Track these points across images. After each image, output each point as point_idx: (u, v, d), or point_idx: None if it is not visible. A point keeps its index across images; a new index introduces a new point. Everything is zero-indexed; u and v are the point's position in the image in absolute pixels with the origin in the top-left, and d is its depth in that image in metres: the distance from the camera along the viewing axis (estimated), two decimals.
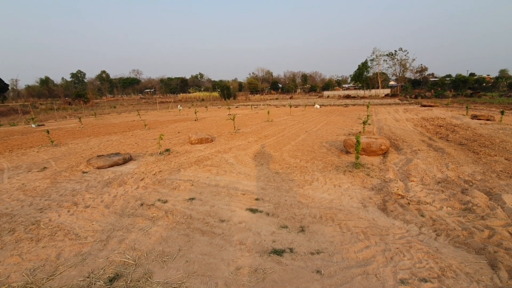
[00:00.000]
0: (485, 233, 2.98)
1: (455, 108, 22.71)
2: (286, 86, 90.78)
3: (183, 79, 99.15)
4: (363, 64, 64.47)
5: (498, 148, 6.95)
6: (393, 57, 62.84)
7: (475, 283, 2.26)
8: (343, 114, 20.10)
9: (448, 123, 12.47)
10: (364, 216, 3.60)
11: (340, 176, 5.32)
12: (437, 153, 6.84)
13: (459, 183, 4.62)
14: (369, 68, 64.40)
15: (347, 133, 10.50)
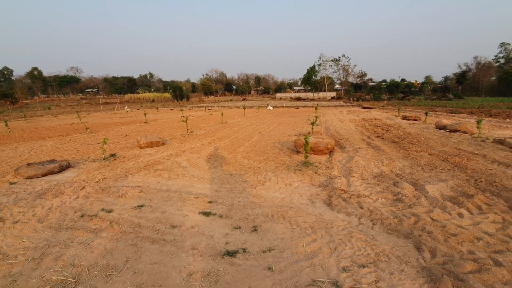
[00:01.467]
0: (412, 220, 3.42)
1: (389, 110, 25.48)
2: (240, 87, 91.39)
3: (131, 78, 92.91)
4: (311, 68, 68.39)
5: (423, 145, 8.02)
6: (337, 62, 67.97)
7: (404, 265, 2.59)
8: (294, 116, 21.04)
9: (383, 123, 13.94)
10: (312, 211, 3.83)
11: (291, 175, 5.57)
12: (374, 150, 7.60)
13: (392, 177, 5.22)
14: (317, 72, 68.65)
15: (298, 134, 11.02)
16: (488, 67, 60.29)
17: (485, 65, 60.41)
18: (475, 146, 7.46)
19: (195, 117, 20.66)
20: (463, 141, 8.28)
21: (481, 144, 7.71)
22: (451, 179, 4.83)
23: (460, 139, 8.71)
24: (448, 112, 22.01)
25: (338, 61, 67.90)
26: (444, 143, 8.14)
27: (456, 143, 8.03)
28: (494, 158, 6.05)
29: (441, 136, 9.44)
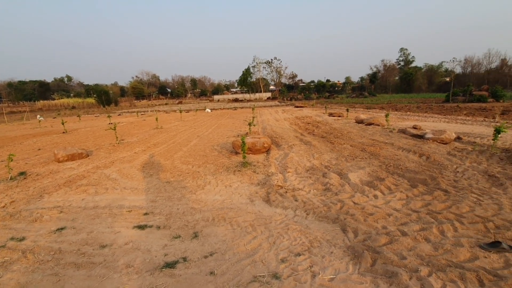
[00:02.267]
0: (338, 206, 3.83)
1: (318, 108, 27.89)
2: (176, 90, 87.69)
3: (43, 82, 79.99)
4: (246, 70, 70.14)
5: (345, 138, 9.03)
6: (270, 64, 71.33)
7: (333, 247, 2.89)
8: (232, 117, 21.23)
9: (314, 121, 15.19)
10: (252, 210, 3.95)
11: (230, 176, 5.62)
12: (306, 146, 8.23)
13: (321, 169, 5.74)
14: (252, 74, 70.77)
15: (236, 135, 11.17)
16: (393, 69, 71.33)
17: (390, 67, 71.32)
18: (385, 136, 8.75)
19: (126, 123, 19.01)
20: (376, 133, 9.63)
21: (389, 134, 9.10)
22: (368, 166, 5.57)
23: (374, 131, 10.10)
24: (365, 108, 25.25)
25: (271, 63, 71.34)
26: (362, 135, 9.33)
27: (371, 135, 9.28)
28: (399, 145, 7.21)
29: (359, 129, 10.78)
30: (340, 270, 2.50)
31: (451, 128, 10.29)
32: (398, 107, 23.53)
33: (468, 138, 7.81)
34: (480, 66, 54.83)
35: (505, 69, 50.57)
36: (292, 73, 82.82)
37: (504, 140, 7.44)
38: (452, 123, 11.96)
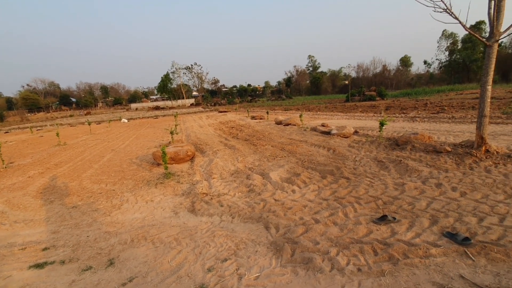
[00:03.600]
0: (261, 205, 4.02)
1: (241, 112, 28.72)
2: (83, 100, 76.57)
3: None
4: (165, 76, 66.83)
5: (267, 139, 9.56)
6: (190, 70, 69.79)
7: (258, 246, 3.01)
8: (153, 126, 19.88)
9: (237, 124, 15.57)
10: (176, 223, 3.78)
11: (152, 190, 5.25)
12: (231, 150, 8.37)
13: (245, 171, 5.93)
14: (172, 80, 67.85)
15: (158, 145, 10.49)
16: (304, 74, 79.30)
17: (302, 72, 79.14)
18: (300, 135, 9.65)
19: (16, 142, 15.58)
20: (293, 132, 10.52)
21: (304, 132, 10.08)
22: (287, 164, 6.03)
23: (291, 130, 11.02)
24: (283, 110, 27.31)
25: (191, 69, 69.81)
26: (281, 135, 10.06)
27: (289, 134, 10.10)
28: (312, 142, 8.06)
29: (279, 130, 11.59)
30: (264, 266, 2.62)
31: (350, 123, 12.10)
32: (311, 108, 26.28)
33: (363, 131, 9.32)
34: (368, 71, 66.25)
35: (386, 73, 62.45)
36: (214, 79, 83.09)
37: (388, 130, 9.18)
38: (352, 120, 14.08)
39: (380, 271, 2.33)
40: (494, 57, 4.49)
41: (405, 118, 12.88)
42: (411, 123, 11.08)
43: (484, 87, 4.59)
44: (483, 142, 4.83)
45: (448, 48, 51.53)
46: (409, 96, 31.95)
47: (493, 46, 4.40)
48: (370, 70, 65.69)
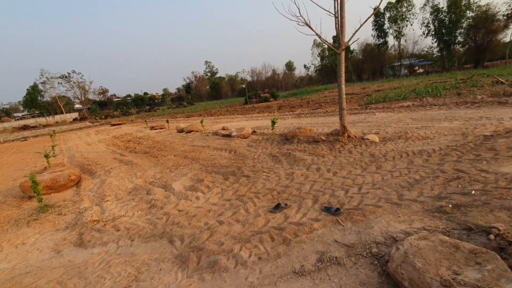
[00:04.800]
0: (163, 219, 3.82)
1: (139, 123, 26.39)
2: None
3: None
4: (32, 87, 54.30)
5: (169, 149, 9.12)
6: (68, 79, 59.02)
7: (162, 263, 2.85)
8: (21, 151, 15.85)
9: (135, 137, 14.22)
10: (59, 263, 3.15)
11: (23, 230, 4.21)
12: (127, 166, 7.58)
13: (145, 187, 5.50)
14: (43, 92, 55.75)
15: (30, 173, 8.44)
16: (203, 79, 79.57)
17: (201, 78, 79.20)
18: (203, 141, 9.65)
19: None
20: (196, 139, 10.42)
21: (206, 138, 10.13)
22: (190, 171, 5.93)
23: (194, 137, 10.88)
24: (185, 117, 26.66)
25: (68, 77, 59.01)
26: (184, 143, 9.80)
27: (192, 141, 9.95)
28: (214, 146, 8.19)
29: (181, 138, 11.25)
30: (170, 283, 2.51)
31: (249, 124, 12.94)
32: (213, 113, 26.63)
33: (260, 130, 10.13)
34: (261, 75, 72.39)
35: (275, 76, 69.71)
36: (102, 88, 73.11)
37: (280, 127, 10.29)
38: (250, 120, 15.08)
39: (277, 254, 2.60)
40: (343, 62, 5.73)
41: (293, 115, 14.74)
42: (298, 119, 12.78)
43: (340, 86, 5.79)
44: (345, 130, 6.07)
45: (319, 54, 61.82)
46: (296, 96, 36.62)
47: (341, 54, 5.60)
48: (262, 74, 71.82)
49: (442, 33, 44.67)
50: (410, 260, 1.85)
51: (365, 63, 54.42)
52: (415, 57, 52.07)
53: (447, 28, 43.92)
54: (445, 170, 3.94)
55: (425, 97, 13.60)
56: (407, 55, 51.97)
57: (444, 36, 44.72)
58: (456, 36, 44.15)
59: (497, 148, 4.61)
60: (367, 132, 6.89)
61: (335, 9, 5.38)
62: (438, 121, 7.78)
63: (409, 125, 7.60)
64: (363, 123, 8.96)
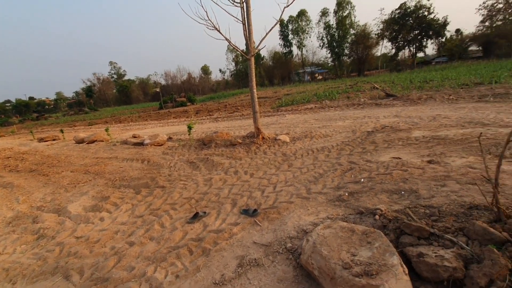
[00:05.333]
0: (56, 251, 3.15)
1: (23, 134, 21.44)
2: None
3: None
4: None
5: (64, 164, 7.67)
6: None
7: None
8: None
9: (16, 152, 11.42)
10: None
11: None
12: (6, 190, 6.00)
13: (31, 213, 4.44)
14: None
15: None
16: (108, 82, 70.84)
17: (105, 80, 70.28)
18: (109, 151, 8.52)
19: None
20: (100, 150, 9.11)
21: (113, 148, 8.98)
22: (92, 189, 5.12)
23: (97, 148, 9.49)
24: (87, 125, 23.13)
25: None
26: (84, 155, 8.42)
27: (95, 153, 8.64)
28: (123, 157, 7.33)
29: (81, 150, 9.65)
30: None
31: (164, 131, 12.18)
32: (122, 119, 23.97)
33: (177, 136, 9.65)
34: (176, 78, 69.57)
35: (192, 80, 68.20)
36: None
37: (198, 132, 10.05)
38: (166, 126, 14.23)
39: (196, 268, 2.46)
40: (254, 68, 6.02)
41: (211, 119, 14.67)
42: (215, 123, 12.78)
43: (252, 90, 6.06)
44: (260, 132, 6.38)
45: (234, 60, 63.74)
46: (213, 100, 36.64)
47: (251, 59, 5.87)
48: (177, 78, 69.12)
49: (333, 46, 52.60)
50: (318, 249, 2.04)
51: (275, 69, 59.06)
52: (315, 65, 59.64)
53: (337, 42, 52.02)
54: (342, 163, 4.58)
55: (324, 100, 15.66)
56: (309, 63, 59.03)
57: (335, 49, 52.76)
58: (344, 49, 52.68)
59: (377, 141, 5.65)
60: (279, 133, 7.42)
61: (242, 17, 5.59)
62: (335, 120, 9.05)
63: (313, 125, 8.57)
64: (275, 124, 9.62)
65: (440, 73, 23.75)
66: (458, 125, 6.32)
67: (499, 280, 1.58)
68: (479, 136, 2.29)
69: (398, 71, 42.69)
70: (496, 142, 4.64)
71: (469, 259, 1.77)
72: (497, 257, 1.63)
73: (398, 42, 50.55)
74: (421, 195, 3.03)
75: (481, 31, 45.52)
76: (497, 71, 18.45)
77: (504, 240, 1.83)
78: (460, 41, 48.48)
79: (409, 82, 19.29)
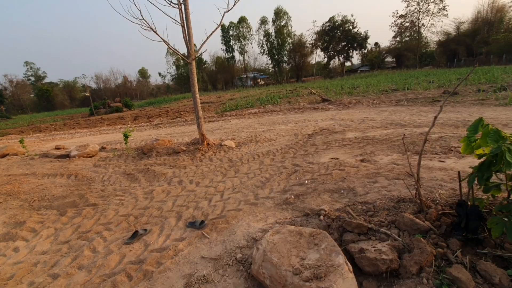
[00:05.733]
0: None
1: None
2: None
3: None
4: None
5: None
6: None
7: None
8: None
9: None
10: None
11: None
12: None
13: None
14: None
15: None
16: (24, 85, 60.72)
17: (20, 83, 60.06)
18: (25, 167, 7.21)
19: None
20: (13, 165, 7.65)
21: (30, 162, 7.64)
22: (3, 213, 4.22)
23: (9, 163, 7.95)
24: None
25: None
26: None
27: (6, 169, 7.21)
28: (44, 172, 6.28)
29: None
30: None
31: (96, 140, 10.91)
32: (42, 128, 20.74)
33: (111, 146, 8.72)
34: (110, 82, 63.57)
35: (128, 84, 63.20)
36: None
37: (136, 140, 9.27)
38: (98, 135, 12.77)
39: None
40: (195, 72, 5.81)
41: (151, 126, 13.74)
42: (156, 129, 12.00)
43: (194, 95, 5.84)
44: (204, 138, 6.19)
45: (174, 63, 61.35)
46: (153, 105, 34.51)
47: (192, 63, 5.66)
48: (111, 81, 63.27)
49: (273, 53, 55.10)
50: (268, 257, 2.00)
51: (218, 74, 58.92)
52: (257, 71, 61.45)
53: (276, 49, 54.67)
54: (286, 166, 4.72)
55: (267, 104, 16.17)
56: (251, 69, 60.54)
57: (275, 56, 55.33)
58: (283, 56, 55.62)
59: (317, 143, 6.01)
60: (224, 139, 7.32)
61: (181, 19, 5.35)
62: (278, 124, 9.38)
63: (258, 129, 8.72)
64: (220, 130, 9.49)
65: (364, 80, 26.86)
66: (382, 126, 7.16)
67: (427, 266, 1.77)
68: (403, 137, 2.58)
69: (330, 78, 46.96)
70: (412, 140, 5.39)
71: (402, 250, 1.96)
72: (424, 245, 1.83)
73: (329, 52, 55.71)
74: (357, 192, 3.28)
75: (394, 45, 53.31)
76: (407, 79, 21.72)
77: (427, 229, 2.08)
78: (378, 53, 56.00)
79: (340, 88, 21.29)
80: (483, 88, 12.67)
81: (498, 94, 10.81)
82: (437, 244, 1.97)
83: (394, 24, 52.16)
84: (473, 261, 1.79)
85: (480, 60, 36.83)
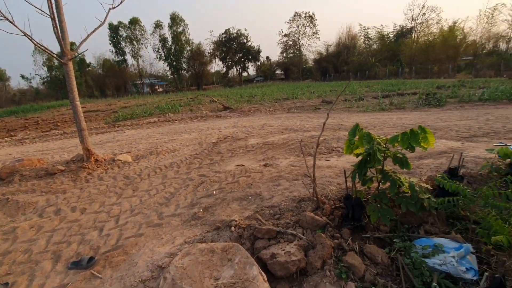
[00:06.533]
0: None
1: None
2: None
3: None
4: None
5: None
6: None
7: None
8: None
9: None
10: None
11: None
12: None
13: None
14: None
15: None
16: None
17: None
18: None
19: None
20: None
21: None
22: None
23: None
24: None
25: None
26: None
27: None
28: None
29: None
30: None
31: None
32: None
33: None
34: None
35: None
36: None
37: None
38: None
39: None
40: (73, 75, 4.80)
41: (13, 141, 10.65)
42: (20, 147, 9.36)
43: (74, 103, 4.82)
44: (91, 153, 5.19)
45: (46, 63, 50.14)
46: (16, 115, 27.01)
47: (69, 64, 4.66)
48: None
49: (171, 59, 52.93)
50: (178, 286, 1.78)
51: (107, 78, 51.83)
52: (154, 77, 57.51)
53: (174, 56, 52.76)
54: (192, 178, 4.49)
55: (167, 113, 15.25)
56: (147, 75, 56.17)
57: (173, 62, 53.27)
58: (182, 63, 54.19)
59: (222, 151, 6.01)
60: (118, 153, 6.38)
61: (50, 9, 4.33)
62: (181, 133, 8.93)
63: (158, 140, 8.04)
64: (112, 142, 8.25)
65: (260, 90, 29.20)
66: (279, 131, 7.86)
67: (328, 259, 1.96)
68: (300, 141, 2.82)
69: (230, 86, 48.89)
70: (304, 143, 6.10)
71: (307, 247, 2.11)
72: (324, 240, 2.03)
73: (227, 62, 58.06)
74: (264, 197, 3.41)
75: (281, 60, 60.61)
76: (294, 90, 24.92)
77: (325, 223, 2.33)
78: (270, 66, 62.37)
79: (240, 96, 22.38)
80: (348, 98, 15.86)
81: (359, 103, 13.75)
82: (333, 236, 2.22)
83: (280, 42, 59.37)
84: (361, 246, 2.10)
85: (342, 76, 46.50)
